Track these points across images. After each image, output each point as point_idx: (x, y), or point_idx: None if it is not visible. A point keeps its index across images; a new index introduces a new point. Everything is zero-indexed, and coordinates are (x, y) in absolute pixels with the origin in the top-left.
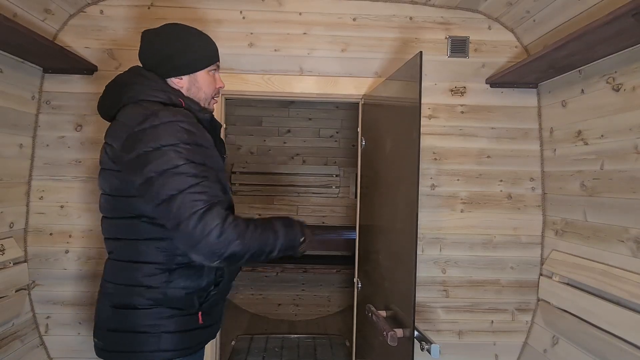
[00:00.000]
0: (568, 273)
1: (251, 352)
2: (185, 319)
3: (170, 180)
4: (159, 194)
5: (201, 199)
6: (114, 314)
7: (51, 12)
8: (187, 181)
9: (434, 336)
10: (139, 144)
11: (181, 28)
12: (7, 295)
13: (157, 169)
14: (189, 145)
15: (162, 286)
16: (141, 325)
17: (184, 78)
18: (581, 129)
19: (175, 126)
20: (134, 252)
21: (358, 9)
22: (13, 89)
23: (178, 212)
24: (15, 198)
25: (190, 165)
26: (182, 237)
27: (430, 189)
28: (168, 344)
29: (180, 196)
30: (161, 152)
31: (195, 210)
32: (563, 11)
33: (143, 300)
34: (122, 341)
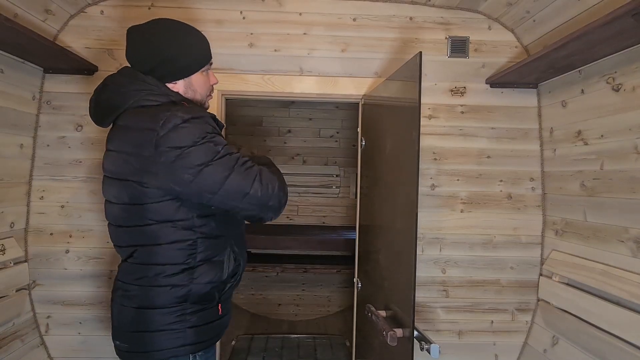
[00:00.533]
0: (568, 273)
1: (251, 352)
2: (207, 312)
3: (219, 165)
4: (214, 180)
5: (250, 167)
6: (139, 315)
7: (52, 12)
8: (231, 160)
9: (434, 336)
10: (173, 144)
11: (172, 27)
12: (8, 295)
13: (203, 161)
14: (214, 134)
15: (187, 284)
16: (167, 324)
17: (179, 82)
18: (581, 129)
19: (197, 121)
20: (157, 256)
21: (358, 9)
22: (14, 89)
23: (240, 186)
24: (15, 198)
25: (225, 148)
26: (253, 204)
27: (430, 189)
28: (193, 337)
29: (233, 174)
30: (198, 147)
31: (253, 178)
32: (563, 11)
33: (168, 299)
34: (149, 341)
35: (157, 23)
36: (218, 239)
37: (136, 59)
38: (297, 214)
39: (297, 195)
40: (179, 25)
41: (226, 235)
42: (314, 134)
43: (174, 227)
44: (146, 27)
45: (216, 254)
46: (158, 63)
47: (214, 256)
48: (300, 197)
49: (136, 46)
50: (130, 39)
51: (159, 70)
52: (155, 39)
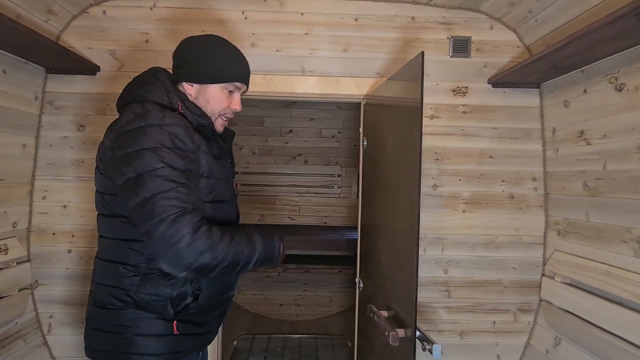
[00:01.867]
0: (570, 273)
1: (253, 352)
2: (160, 323)
3: (146, 183)
4: (134, 195)
5: (173, 205)
6: (94, 312)
7: (54, 13)
8: (162, 185)
9: (436, 336)
10: (123, 143)
11: (217, 39)
12: (10, 295)
13: (136, 171)
14: (171, 150)
15: (132, 290)
16: (114, 326)
17: (195, 86)
18: (584, 129)
19: (161, 129)
20: (112, 251)
21: (360, 9)
22: (16, 90)
23: (149, 216)
24: (18, 198)
25: (168, 169)
26: (151, 242)
27: (432, 189)
28: (140, 347)
29: (153, 199)
30: (142, 154)
31: (166, 215)
32: (565, 11)
33: (115, 301)
34: (100, 340)
35: (209, 35)
36: None
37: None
38: (298, 214)
39: (298, 196)
40: (225, 41)
41: None
42: (315, 134)
43: (127, 222)
44: (199, 36)
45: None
46: (181, 62)
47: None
48: (301, 197)
49: (180, 46)
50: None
51: (183, 69)
52: (196, 42)
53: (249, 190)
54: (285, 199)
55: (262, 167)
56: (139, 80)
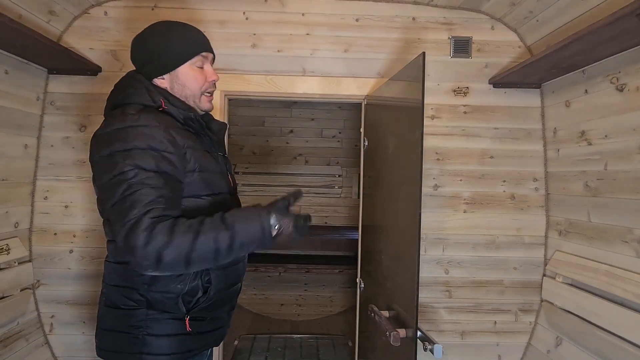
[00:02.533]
0: (572, 274)
1: (254, 351)
2: (172, 323)
3: (115, 188)
4: (106, 201)
5: (136, 208)
6: (106, 313)
7: (56, 13)
8: (128, 188)
9: (437, 337)
10: (98, 148)
11: (160, 26)
12: (12, 295)
13: (107, 177)
14: (142, 151)
15: (143, 289)
16: (126, 326)
17: (166, 77)
18: (585, 129)
19: (133, 130)
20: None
21: (361, 10)
22: (18, 90)
23: (114, 220)
24: (20, 198)
25: (136, 170)
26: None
27: (433, 189)
28: (152, 347)
29: (118, 204)
30: (112, 158)
31: (127, 219)
32: (566, 11)
33: (127, 301)
34: (112, 340)
35: (151, 25)
36: None
37: (132, 60)
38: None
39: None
40: (169, 24)
41: None
42: (316, 134)
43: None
44: (143, 31)
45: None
46: (143, 61)
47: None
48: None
49: (132, 48)
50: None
51: (148, 67)
52: (144, 38)
53: (250, 191)
54: None
55: (262, 167)
56: (120, 84)
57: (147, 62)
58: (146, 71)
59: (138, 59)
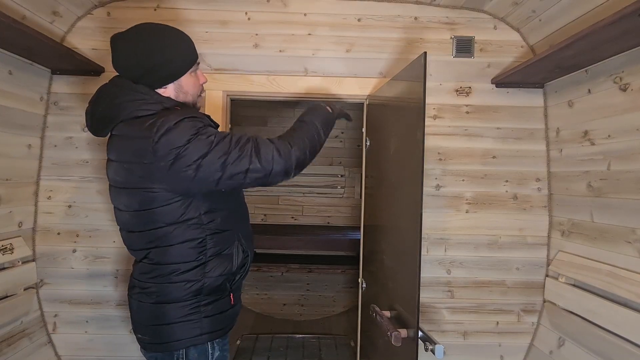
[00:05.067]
0: (574, 274)
1: (256, 351)
2: (220, 302)
3: (215, 153)
4: (215, 168)
5: (245, 143)
6: (158, 309)
7: (59, 14)
8: (225, 144)
9: (439, 337)
10: (169, 147)
11: (156, 32)
12: (16, 294)
13: (199, 154)
14: (206, 127)
15: (200, 278)
16: (184, 315)
17: (169, 86)
18: (588, 129)
19: (188, 121)
20: (170, 255)
21: (363, 10)
22: (22, 90)
23: (239, 164)
24: (23, 198)
25: (216, 136)
26: (256, 176)
27: (435, 190)
28: (209, 327)
29: (230, 156)
30: (192, 144)
31: (250, 152)
32: (569, 11)
33: (184, 294)
34: (168, 332)
35: (141, 29)
36: (225, 233)
37: (125, 68)
38: (301, 214)
39: (301, 196)
40: (163, 29)
41: (233, 229)
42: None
43: (183, 227)
44: (130, 35)
45: (225, 248)
46: (147, 70)
47: (223, 250)
48: (305, 197)
49: (123, 55)
50: (117, 48)
51: (149, 78)
52: (142, 46)
53: (253, 190)
54: (288, 199)
55: None
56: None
57: (149, 72)
58: (148, 80)
59: (136, 68)
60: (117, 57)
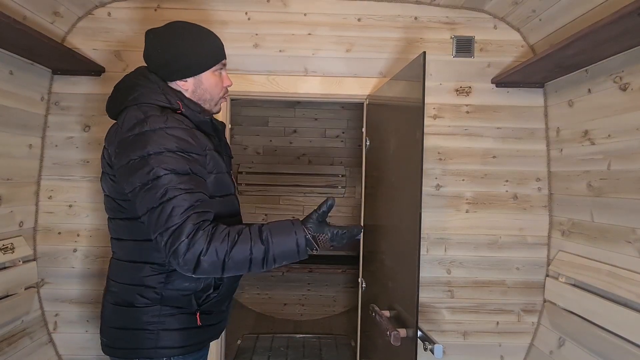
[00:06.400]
0: (574, 274)
1: (257, 351)
2: (184, 317)
3: (151, 192)
4: (142, 205)
5: (175, 214)
6: (116, 311)
7: (60, 14)
8: (165, 193)
9: (439, 337)
10: (127, 151)
11: (184, 28)
12: (17, 293)
13: (141, 180)
14: (175, 154)
15: (159, 287)
16: (141, 323)
17: (189, 80)
18: (588, 128)
19: (163, 133)
20: (134, 252)
21: (363, 9)
22: (23, 90)
23: (156, 225)
24: (24, 197)
25: (171, 175)
26: (161, 250)
27: (435, 189)
28: (166, 341)
29: (157, 209)
30: (145, 162)
31: (168, 226)
32: (569, 10)
33: (142, 299)
34: (124, 338)
35: (171, 25)
36: None
37: (149, 59)
38: (302, 214)
39: (302, 196)
40: (191, 26)
41: None
42: (319, 134)
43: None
44: (161, 29)
45: None
46: (167, 61)
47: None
48: (305, 197)
49: (149, 46)
50: (146, 41)
51: (166, 69)
52: (164, 39)
53: (254, 190)
54: (289, 199)
55: (266, 167)
56: (130, 82)
57: (168, 64)
58: (165, 72)
59: (157, 59)
60: (145, 49)
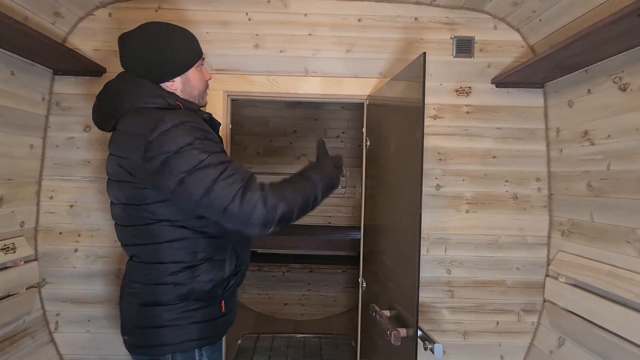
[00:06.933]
0: (574, 274)
1: (257, 351)
2: (210, 309)
3: (201, 175)
4: (195, 191)
5: (235, 180)
6: (143, 311)
7: (61, 15)
8: (216, 170)
9: (439, 336)
10: (159, 150)
11: (163, 28)
12: (18, 293)
13: (185, 169)
14: (203, 140)
15: (188, 282)
16: (170, 320)
17: (177, 80)
18: (588, 129)
19: (186, 126)
20: (159, 254)
21: (363, 10)
22: (24, 91)
23: (220, 200)
24: (26, 197)
25: (212, 156)
26: (233, 219)
27: (435, 189)
28: (195, 333)
29: (216, 186)
30: (182, 154)
31: (235, 192)
32: (569, 11)
33: (170, 297)
34: (154, 335)
35: (147, 27)
36: (219, 239)
37: (133, 64)
38: None
39: None
40: (167, 26)
41: (227, 236)
42: (319, 134)
43: (172, 226)
44: (138, 33)
45: (217, 253)
46: (152, 66)
47: (215, 255)
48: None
49: (130, 52)
50: (124, 46)
51: (157, 71)
52: (149, 42)
53: None
54: None
55: (266, 167)
56: (118, 90)
57: (159, 66)
58: (156, 74)
59: (144, 63)
60: (124, 55)
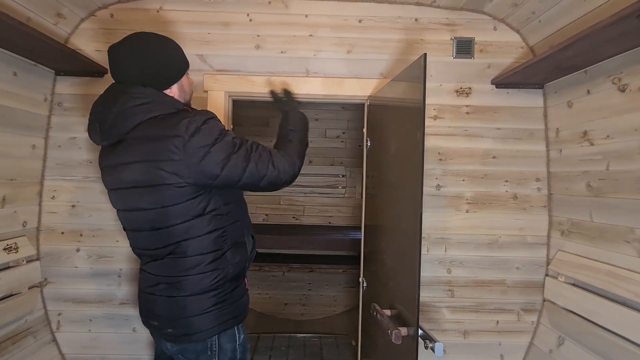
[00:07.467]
0: (574, 274)
1: (258, 351)
2: (239, 289)
3: (238, 157)
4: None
5: (262, 152)
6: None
7: (63, 16)
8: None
9: (439, 336)
10: (198, 145)
11: (155, 39)
12: (21, 293)
13: (225, 154)
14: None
15: (224, 266)
16: (212, 305)
17: (174, 86)
18: (587, 129)
19: (211, 121)
20: (197, 247)
21: (363, 11)
22: (26, 91)
23: (258, 169)
24: (28, 197)
25: (237, 139)
26: (269, 182)
27: (435, 189)
28: (234, 312)
29: (251, 163)
30: (219, 144)
31: (267, 160)
32: (569, 12)
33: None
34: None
35: (139, 38)
36: (237, 223)
37: (130, 75)
38: (303, 214)
39: (303, 196)
40: (158, 36)
41: (242, 219)
42: (320, 135)
43: (207, 219)
44: (131, 43)
45: (240, 236)
46: (153, 74)
47: (239, 239)
48: (306, 197)
49: (127, 63)
50: (118, 57)
51: (157, 79)
52: (145, 52)
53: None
54: (290, 199)
55: None
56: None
57: (159, 74)
58: (157, 82)
59: (144, 72)
60: (120, 66)
